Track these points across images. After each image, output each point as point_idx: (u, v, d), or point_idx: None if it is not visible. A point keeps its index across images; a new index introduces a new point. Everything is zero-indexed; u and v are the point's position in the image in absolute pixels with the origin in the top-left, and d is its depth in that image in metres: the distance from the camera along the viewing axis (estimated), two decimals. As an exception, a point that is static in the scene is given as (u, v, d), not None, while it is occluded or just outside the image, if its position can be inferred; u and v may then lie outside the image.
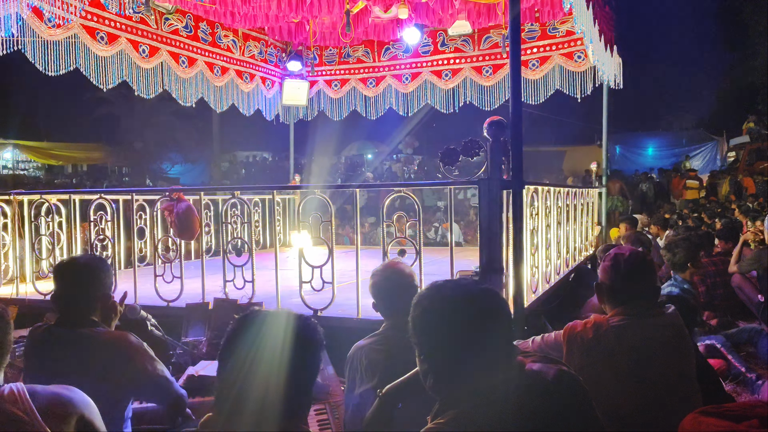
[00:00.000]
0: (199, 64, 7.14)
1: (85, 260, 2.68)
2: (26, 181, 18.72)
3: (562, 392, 1.56)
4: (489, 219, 3.35)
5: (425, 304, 1.58)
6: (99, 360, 2.37)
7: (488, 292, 1.61)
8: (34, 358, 2.45)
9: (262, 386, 1.47)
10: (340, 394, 3.05)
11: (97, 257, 3.16)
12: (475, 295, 1.57)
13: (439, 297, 1.58)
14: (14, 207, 4.94)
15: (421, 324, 1.58)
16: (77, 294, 2.50)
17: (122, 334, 2.51)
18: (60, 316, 2.51)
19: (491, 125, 3.34)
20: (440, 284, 1.63)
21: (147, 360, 2.46)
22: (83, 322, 2.46)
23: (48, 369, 2.35)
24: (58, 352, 2.39)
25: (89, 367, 2.33)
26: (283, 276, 4.19)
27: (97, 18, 5.84)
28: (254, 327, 1.56)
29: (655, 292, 2.59)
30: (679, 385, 2.40)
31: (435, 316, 1.56)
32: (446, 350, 1.54)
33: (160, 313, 3.59)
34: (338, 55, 8.66)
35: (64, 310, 2.51)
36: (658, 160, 21.71)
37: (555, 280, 4.83)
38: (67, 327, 2.45)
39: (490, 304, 1.57)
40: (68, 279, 2.53)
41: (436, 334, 1.56)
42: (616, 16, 6.41)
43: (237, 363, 1.51)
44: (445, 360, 1.54)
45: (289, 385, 1.49)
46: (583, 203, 6.51)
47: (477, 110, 8.13)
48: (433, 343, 1.57)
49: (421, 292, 1.63)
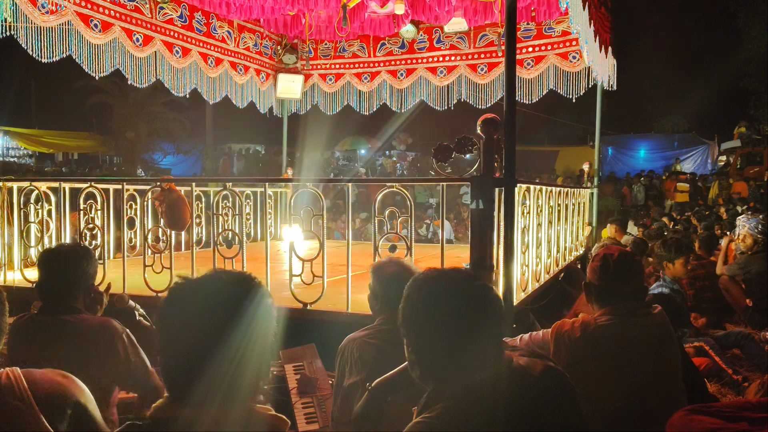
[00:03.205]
0: (193, 54, 7.09)
1: (68, 248, 2.71)
2: (15, 168, 18.57)
3: (549, 388, 1.57)
4: (480, 216, 3.36)
5: (414, 295, 1.58)
6: (82, 346, 2.38)
7: (479, 286, 1.60)
8: (19, 347, 2.45)
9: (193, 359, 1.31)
10: (328, 387, 3.06)
11: (80, 245, 3.14)
12: (465, 289, 1.57)
13: (428, 288, 1.58)
14: (3, 194, 4.90)
15: (410, 314, 1.58)
16: (60, 281, 2.52)
17: (105, 320, 2.53)
18: (43, 304, 2.52)
19: (485, 123, 3.35)
20: (431, 275, 1.63)
21: (128, 347, 2.47)
22: (66, 309, 2.47)
23: (33, 357, 2.34)
24: (42, 339, 2.40)
25: (73, 353, 2.34)
26: (274, 269, 4.18)
27: (91, 5, 5.79)
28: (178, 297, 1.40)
29: (642, 292, 2.62)
30: (664, 384, 2.42)
31: (423, 307, 1.56)
32: (433, 343, 1.54)
33: (148, 303, 3.58)
34: (333, 49, 8.63)
35: (47, 297, 2.52)
36: (649, 163, 21.85)
37: (545, 278, 4.85)
38: (50, 314, 2.46)
39: (479, 298, 1.56)
40: (52, 266, 2.56)
41: (423, 326, 1.56)
42: (611, 17, 6.42)
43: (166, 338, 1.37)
44: (431, 352, 1.55)
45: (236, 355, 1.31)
46: (575, 203, 6.54)
47: (471, 107, 8.14)
48: (419, 334, 1.57)
49: (412, 282, 1.62)
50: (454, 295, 1.55)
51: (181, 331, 1.35)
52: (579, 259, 6.67)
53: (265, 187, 5.52)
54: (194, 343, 1.32)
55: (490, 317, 1.56)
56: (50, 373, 1.80)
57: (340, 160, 21.03)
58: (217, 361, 1.31)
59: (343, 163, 20.73)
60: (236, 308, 1.35)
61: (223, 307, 1.35)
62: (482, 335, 1.52)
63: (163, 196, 4.31)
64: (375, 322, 2.62)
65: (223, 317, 1.33)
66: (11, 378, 1.70)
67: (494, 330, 1.57)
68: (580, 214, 6.96)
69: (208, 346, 1.31)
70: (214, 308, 1.34)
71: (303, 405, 2.99)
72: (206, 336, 1.32)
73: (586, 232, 7.40)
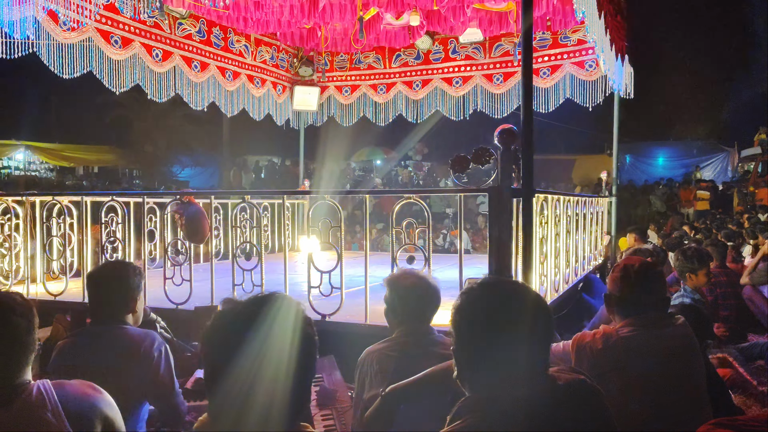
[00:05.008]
0: (211, 68, 7.19)
1: (118, 265, 2.83)
2: (37, 182, 18.84)
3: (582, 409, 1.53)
4: (499, 227, 3.34)
5: (462, 300, 1.58)
6: (125, 356, 2.44)
7: (530, 301, 1.57)
8: (68, 358, 2.50)
9: (268, 385, 1.35)
10: (347, 399, 3.05)
11: (128, 262, 3.24)
12: (510, 303, 1.54)
13: (475, 296, 1.57)
14: (26, 208, 4.98)
15: (454, 317, 1.58)
16: (110, 296, 2.60)
17: (148, 332, 2.58)
18: (93, 317, 2.63)
19: (502, 133, 3.34)
20: (486, 283, 1.63)
21: (163, 360, 2.51)
22: (115, 322, 2.55)
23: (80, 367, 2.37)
24: (89, 350, 2.46)
25: (116, 363, 2.40)
26: (292, 280, 4.19)
27: (112, 22, 5.90)
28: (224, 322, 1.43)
29: (664, 302, 2.58)
30: (689, 397, 2.38)
31: (465, 314, 1.56)
32: (471, 351, 1.54)
33: (168, 315, 3.61)
34: (349, 61, 8.69)
35: (98, 311, 2.61)
36: (668, 170, 21.58)
37: (564, 289, 4.81)
38: (100, 327, 2.56)
39: (523, 313, 1.52)
40: (102, 282, 2.64)
41: (463, 331, 1.56)
42: (627, 25, 6.40)
43: (212, 363, 1.41)
44: (469, 359, 1.54)
45: (295, 383, 1.38)
46: (593, 212, 6.49)
47: (486, 116, 8.14)
48: (461, 339, 1.57)
49: (469, 287, 1.61)
50: (494, 309, 1.53)
51: (226, 353, 1.37)
52: (598, 269, 6.61)
53: (284, 199, 5.57)
54: (239, 366, 1.35)
55: (530, 333, 1.51)
56: (81, 385, 1.83)
57: (356, 171, 21.07)
58: (261, 382, 1.34)
59: (360, 173, 20.76)
60: (280, 333, 1.39)
61: (266, 332, 1.38)
62: (516, 351, 1.49)
63: (183, 210, 4.36)
64: (394, 335, 2.61)
65: (267, 341, 1.37)
66: (42, 391, 1.73)
67: (534, 347, 1.52)
68: (598, 223, 6.90)
69: (252, 368, 1.34)
70: (258, 332, 1.38)
71: (323, 417, 2.98)
72: (250, 358, 1.35)
73: (604, 242, 7.32)
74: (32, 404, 1.69)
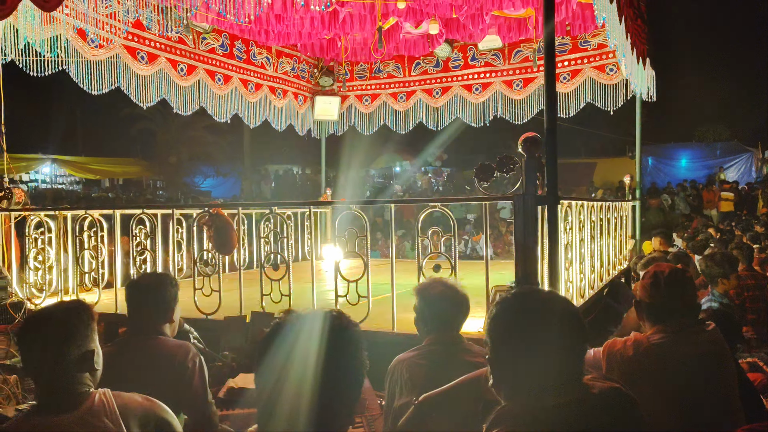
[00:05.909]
0: (234, 81, 7.31)
1: (155, 276, 2.94)
2: (64, 195, 19.21)
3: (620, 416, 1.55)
4: (525, 234, 3.36)
5: (497, 310, 1.61)
6: (162, 367, 2.51)
7: (563, 310, 1.58)
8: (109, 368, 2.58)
9: (293, 394, 1.36)
10: (377, 407, 3.07)
11: (165, 274, 3.32)
12: (543, 312, 1.55)
13: (509, 305, 1.59)
14: (59, 222, 5.10)
15: (489, 326, 1.61)
16: (147, 307, 2.67)
17: (183, 343, 2.64)
18: (131, 328, 2.70)
19: (526, 141, 3.36)
20: (520, 292, 1.66)
21: (197, 370, 2.56)
22: (152, 332, 2.62)
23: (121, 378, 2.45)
24: (126, 361, 2.51)
25: (154, 374, 2.46)
26: (318, 289, 4.24)
27: (138, 38, 6.04)
28: (283, 332, 1.45)
29: (695, 308, 2.58)
30: (721, 402, 2.37)
31: (500, 323, 1.59)
32: (506, 359, 1.56)
33: (199, 325, 3.68)
34: (369, 70, 8.76)
35: (136, 322, 2.68)
36: (691, 172, 21.30)
37: (589, 294, 4.79)
38: (139, 337, 2.62)
39: (557, 321, 1.54)
40: (140, 293, 2.71)
41: (498, 340, 1.59)
42: (648, 28, 6.37)
43: (268, 371, 1.43)
44: (505, 368, 1.57)
45: (321, 391, 1.36)
46: (617, 217, 6.45)
47: (505, 122, 8.14)
48: (494, 347, 1.59)
49: (505, 296, 1.64)
50: (527, 320, 1.55)
51: (278, 363, 1.40)
52: (623, 274, 6.56)
53: (309, 209, 5.63)
54: (291, 377, 1.38)
55: (569, 342, 1.53)
56: (136, 396, 1.94)
57: (376, 178, 21.16)
58: (313, 392, 1.36)
59: (379, 180, 20.84)
60: (334, 345, 1.42)
61: (320, 344, 1.41)
62: (557, 359, 1.51)
63: (211, 221, 4.43)
64: (424, 342, 2.64)
65: (320, 354, 1.39)
66: (103, 399, 1.84)
67: (571, 355, 1.54)
68: (622, 228, 6.85)
69: (304, 379, 1.37)
70: (312, 344, 1.41)
71: (353, 425, 3.01)
72: (302, 369, 1.37)
73: (629, 246, 7.27)
74: (94, 411, 1.80)
